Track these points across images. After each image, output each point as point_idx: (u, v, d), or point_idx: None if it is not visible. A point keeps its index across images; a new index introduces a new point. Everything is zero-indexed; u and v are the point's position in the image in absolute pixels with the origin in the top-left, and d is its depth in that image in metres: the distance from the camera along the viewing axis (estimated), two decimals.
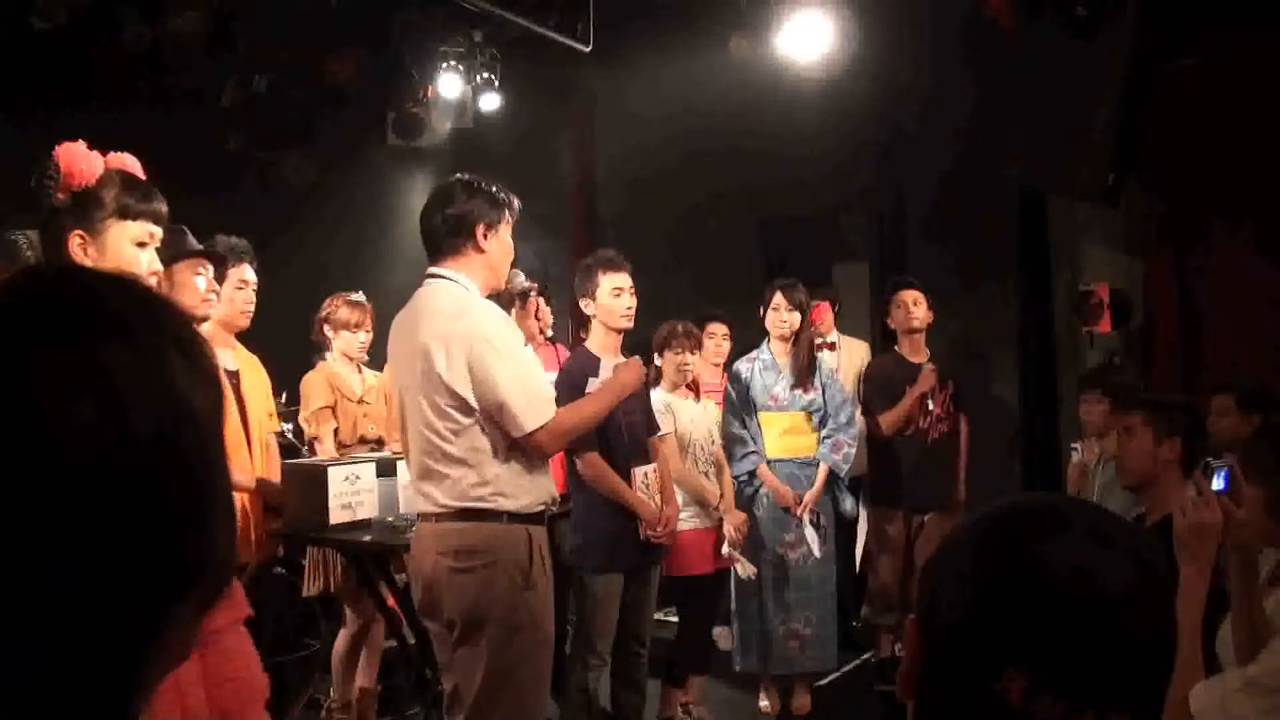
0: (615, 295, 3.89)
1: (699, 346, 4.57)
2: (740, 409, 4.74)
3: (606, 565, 3.92)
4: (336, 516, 3.71)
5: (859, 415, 5.06)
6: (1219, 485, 2.25)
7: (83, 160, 2.16)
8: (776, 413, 4.76)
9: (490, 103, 7.30)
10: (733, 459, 4.66)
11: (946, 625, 1.04)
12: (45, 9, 5.35)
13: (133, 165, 2.29)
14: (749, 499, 4.69)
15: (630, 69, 6.86)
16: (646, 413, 4.09)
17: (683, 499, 4.29)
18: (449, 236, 2.99)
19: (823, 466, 4.73)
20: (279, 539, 3.95)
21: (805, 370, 4.77)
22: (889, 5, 6.02)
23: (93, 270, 0.96)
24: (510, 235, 3.09)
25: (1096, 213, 6.17)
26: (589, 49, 6.16)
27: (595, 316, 3.94)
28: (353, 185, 7.81)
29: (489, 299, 3.04)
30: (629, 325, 3.95)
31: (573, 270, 4.31)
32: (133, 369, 0.63)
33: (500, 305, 3.15)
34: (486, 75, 7.11)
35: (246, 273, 3.76)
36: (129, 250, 2.19)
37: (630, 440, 3.92)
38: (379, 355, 3.74)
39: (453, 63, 7.04)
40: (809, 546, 4.68)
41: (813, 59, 5.82)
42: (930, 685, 1.06)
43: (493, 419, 2.89)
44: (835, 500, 4.84)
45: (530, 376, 2.98)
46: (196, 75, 6.43)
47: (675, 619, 4.60)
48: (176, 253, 3.14)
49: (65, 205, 2.16)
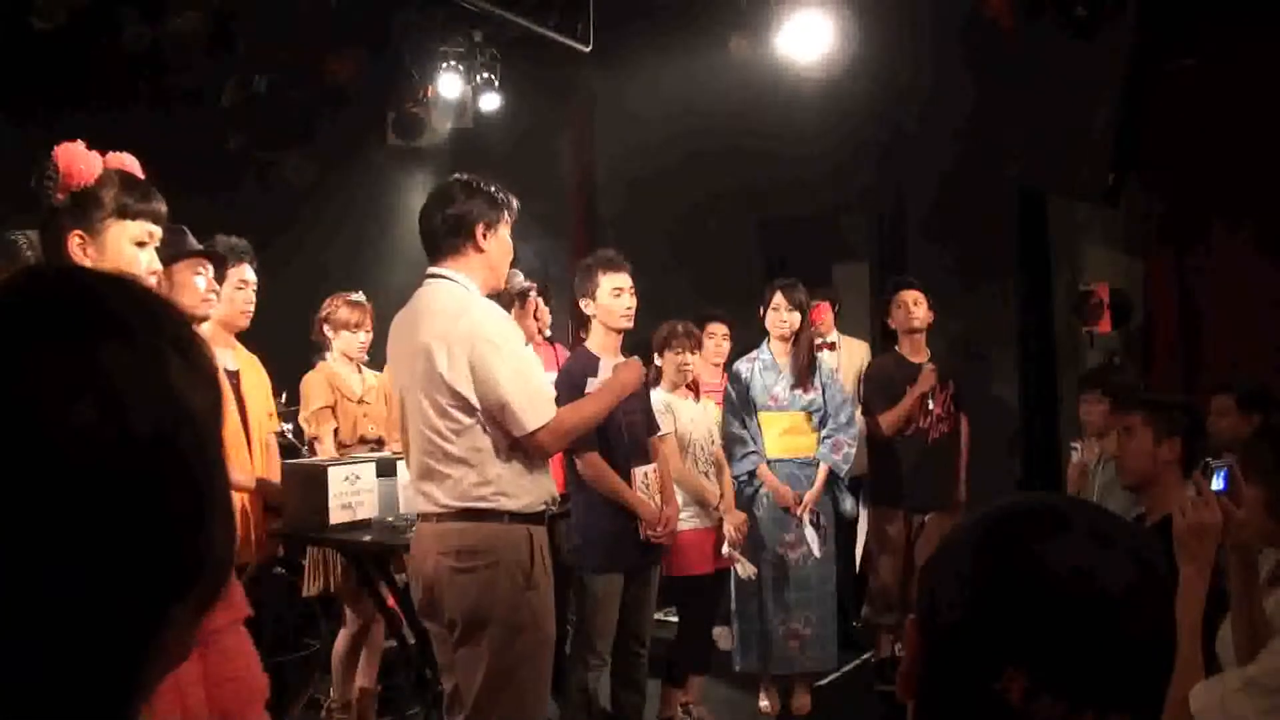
0: (615, 295, 3.89)
1: (699, 346, 4.57)
2: (740, 409, 4.74)
3: (606, 565, 3.92)
4: (336, 516, 3.71)
5: (859, 415, 5.07)
6: (1219, 485, 2.25)
7: (82, 160, 2.16)
8: (776, 413, 4.76)
9: (490, 103, 7.30)
10: (733, 459, 4.66)
11: (946, 625, 1.04)
12: (45, 9, 5.34)
13: (132, 165, 2.29)
14: (749, 499, 4.69)
15: (630, 69, 6.86)
16: (646, 413, 4.09)
17: (683, 499, 4.29)
18: (448, 236, 3.00)
19: (823, 466, 4.73)
20: (279, 539, 3.95)
21: (805, 370, 4.77)
22: (889, 5, 6.02)
23: (92, 270, 0.96)
24: (509, 235, 3.09)
25: (1096, 213, 6.17)
26: (589, 49, 6.16)
27: (595, 316, 3.93)
28: (353, 185, 7.81)
29: (489, 299, 3.04)
30: (629, 325, 3.95)
31: (573, 270, 4.31)
32: (132, 369, 0.63)
33: (499, 305, 3.15)
34: (486, 75, 7.11)
35: (246, 273, 3.77)
36: (128, 250, 2.19)
37: (630, 440, 3.92)
38: (379, 355, 3.74)
39: (453, 63, 7.04)
40: (809, 546, 4.68)
41: (813, 59, 5.82)
42: (930, 685, 1.06)
43: (494, 418, 2.89)
44: (835, 500, 4.84)
45: (531, 376, 2.98)
46: (196, 75, 6.43)
47: (675, 619, 4.60)
48: (176, 252, 3.14)
49: (64, 205, 2.16)
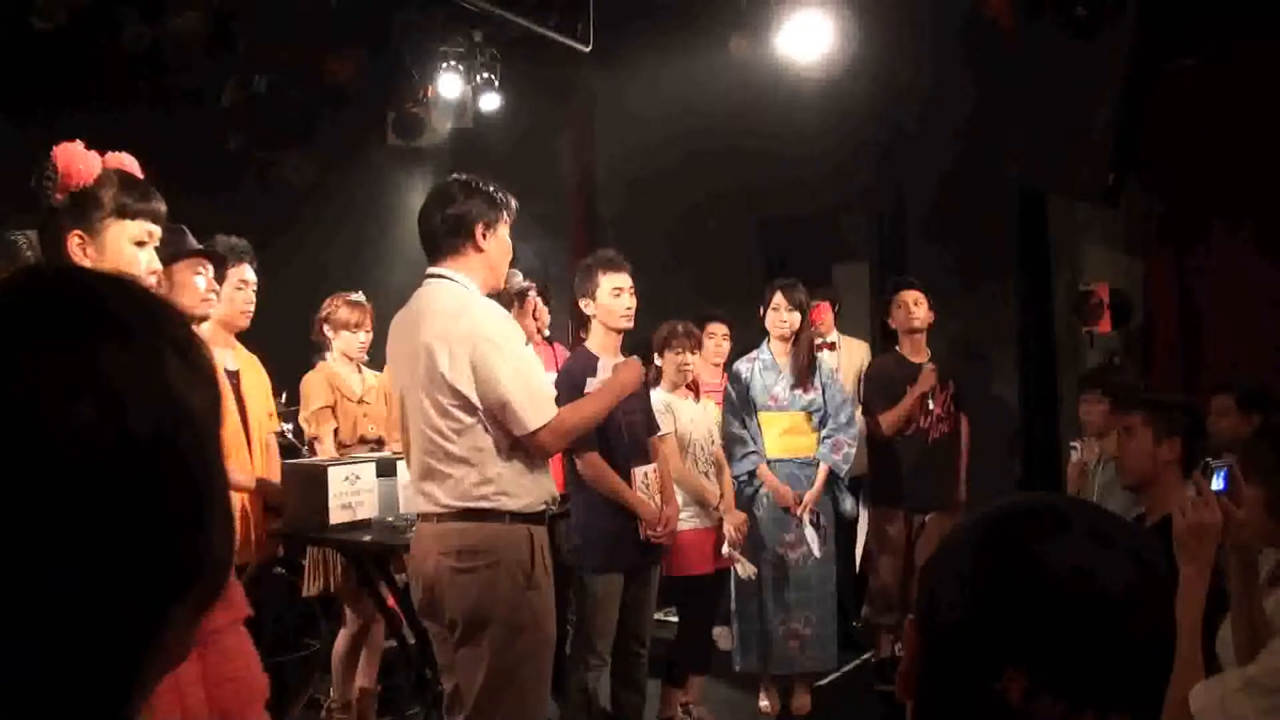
0: (615, 295, 3.89)
1: (699, 346, 4.57)
2: (740, 409, 4.74)
3: (606, 565, 3.92)
4: (336, 516, 3.71)
5: (859, 415, 5.07)
6: (1219, 485, 2.25)
7: (80, 160, 2.16)
8: (776, 413, 4.76)
9: (490, 103, 7.29)
10: (733, 459, 4.66)
11: (946, 625, 1.04)
12: (45, 9, 5.34)
13: (131, 165, 2.29)
14: (749, 499, 4.69)
15: (630, 69, 6.86)
16: (646, 413, 4.09)
17: (683, 499, 4.29)
18: (448, 236, 3.00)
19: (823, 466, 4.73)
20: (279, 539, 3.95)
21: (805, 370, 4.77)
22: (889, 5, 6.02)
23: (90, 270, 0.96)
24: (508, 235, 3.09)
25: (1096, 213, 6.17)
26: (589, 49, 6.16)
27: (595, 316, 3.93)
28: (353, 185, 7.81)
29: (489, 298, 3.04)
30: (629, 325, 3.94)
31: (573, 270, 4.31)
32: (130, 369, 0.63)
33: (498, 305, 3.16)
34: (486, 75, 7.11)
35: (246, 273, 3.77)
36: (128, 249, 2.19)
37: (630, 440, 3.92)
38: (379, 355, 3.74)
39: (453, 63, 7.04)
40: (809, 546, 4.68)
41: (813, 59, 5.82)
42: (929, 685, 1.06)
43: (495, 418, 2.89)
44: (835, 500, 4.84)
45: (532, 375, 2.98)
46: (196, 75, 6.43)
47: (675, 619, 4.60)
48: (176, 252, 3.14)
49: (64, 205, 2.16)
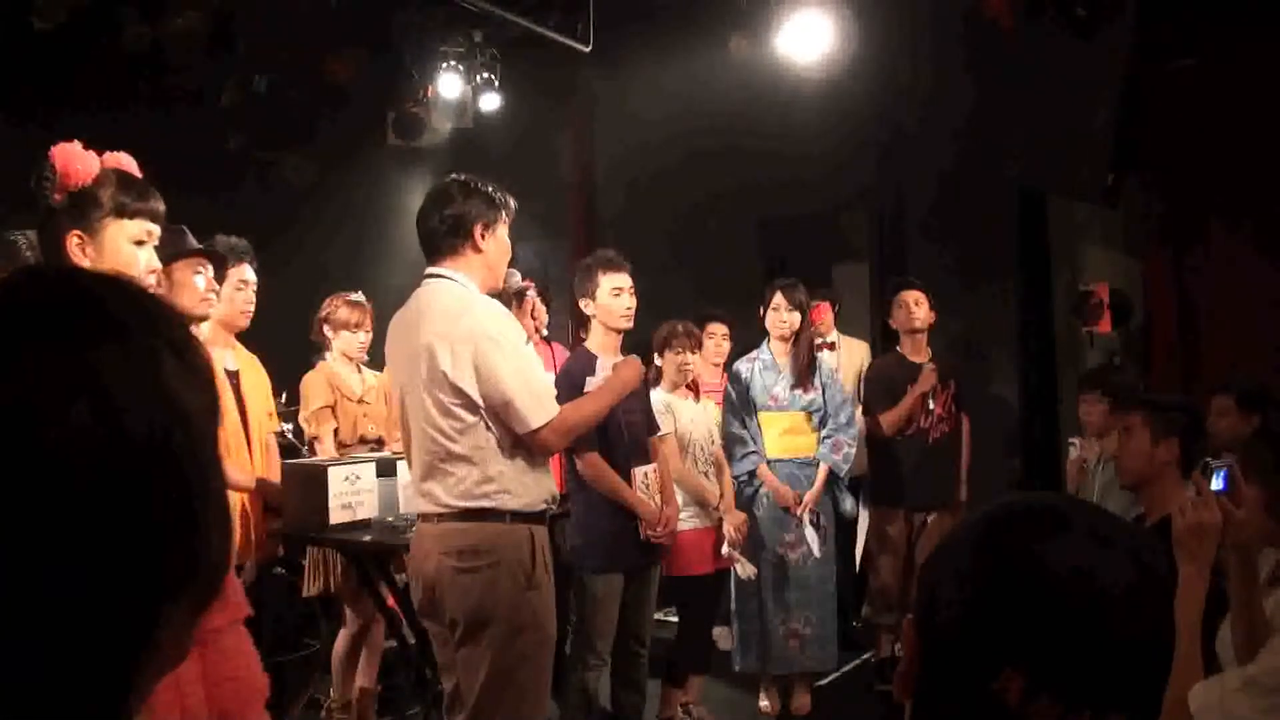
0: (615, 295, 3.89)
1: (699, 346, 4.57)
2: (740, 409, 4.74)
3: (606, 565, 3.91)
4: (336, 516, 3.71)
5: (859, 415, 5.07)
6: (1218, 485, 2.25)
7: (79, 160, 2.16)
8: (776, 413, 4.76)
9: (490, 103, 7.29)
10: (733, 459, 4.66)
11: (945, 625, 1.04)
12: (45, 9, 5.35)
13: (129, 164, 2.28)
14: (749, 499, 4.69)
15: (630, 69, 6.86)
16: (646, 413, 4.09)
17: (683, 499, 4.29)
18: (447, 237, 2.99)
19: (823, 466, 4.73)
20: (279, 539, 3.95)
21: (805, 370, 4.77)
22: (889, 5, 6.02)
23: (87, 271, 0.96)
24: (507, 235, 3.09)
25: (1096, 213, 6.17)
26: (589, 49, 6.15)
27: (595, 316, 3.93)
28: (353, 185, 7.81)
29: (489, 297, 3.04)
30: (629, 325, 3.94)
31: (573, 270, 4.30)
32: (127, 370, 0.63)
33: None
34: (486, 75, 7.11)
35: (246, 273, 3.77)
36: (127, 249, 2.19)
37: (630, 440, 3.92)
38: (379, 355, 3.74)
39: (453, 63, 7.04)
40: (809, 546, 4.67)
41: (813, 59, 5.81)
42: (928, 685, 1.06)
43: (497, 416, 2.89)
44: (835, 500, 4.84)
45: (534, 374, 2.99)
46: (196, 75, 6.44)
47: (675, 619, 4.60)
48: (176, 252, 3.14)
49: (62, 205, 2.16)
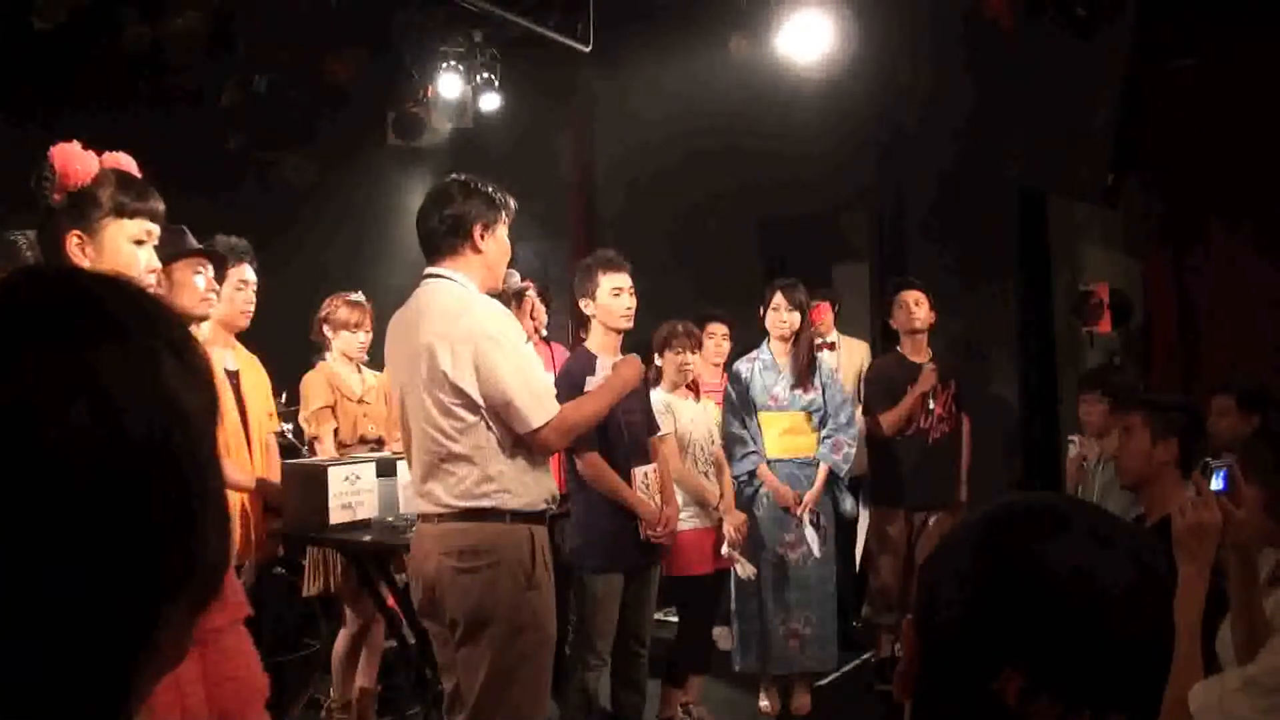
0: (615, 295, 3.89)
1: (699, 346, 4.57)
2: (740, 409, 4.74)
3: (606, 565, 3.91)
4: (336, 516, 3.71)
5: (859, 415, 5.07)
6: (1218, 485, 2.25)
7: (78, 160, 2.16)
8: (776, 413, 4.76)
9: (490, 103, 7.29)
10: (733, 459, 4.66)
11: (944, 625, 1.04)
12: (45, 9, 5.35)
13: (128, 164, 2.28)
14: (749, 499, 4.69)
15: (630, 69, 6.85)
16: (646, 413, 4.09)
17: (683, 499, 4.29)
18: (446, 237, 2.99)
19: (823, 466, 4.73)
20: (279, 539, 3.95)
21: (805, 370, 4.77)
22: (889, 5, 6.02)
23: (86, 271, 0.96)
24: (507, 235, 3.09)
25: (1096, 213, 6.17)
26: (589, 49, 6.15)
27: (595, 316, 3.93)
28: (353, 185, 7.81)
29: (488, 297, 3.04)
30: (629, 325, 3.94)
31: (573, 270, 4.30)
32: (125, 371, 0.63)
33: None
34: (486, 75, 7.11)
35: (246, 273, 3.77)
36: (126, 248, 2.19)
37: (630, 440, 3.92)
38: (379, 355, 3.74)
39: (453, 63, 7.04)
40: (809, 546, 4.67)
41: (813, 59, 5.81)
42: (927, 685, 1.06)
43: (498, 416, 2.89)
44: (835, 500, 4.84)
45: (534, 373, 2.99)
46: (196, 75, 6.44)
47: (675, 619, 4.60)
48: (176, 252, 3.14)
49: (62, 205, 2.16)
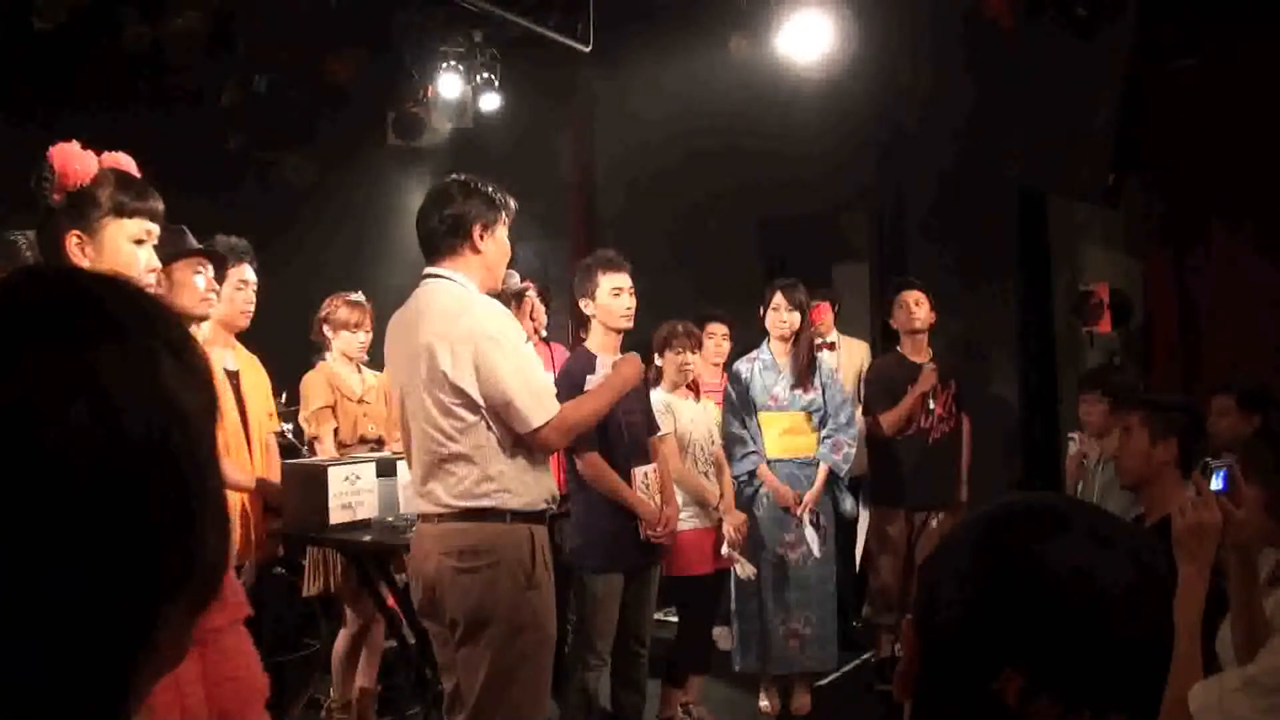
0: (615, 295, 3.89)
1: (699, 346, 4.57)
2: (740, 409, 4.74)
3: (606, 565, 3.91)
4: (336, 516, 3.71)
5: (859, 415, 5.07)
6: (1218, 485, 2.25)
7: (77, 160, 2.16)
8: (776, 413, 4.76)
9: (490, 103, 7.29)
10: (733, 459, 4.66)
11: (944, 625, 1.03)
12: (45, 9, 5.35)
13: (128, 164, 2.28)
14: (749, 499, 4.69)
15: (630, 69, 6.85)
16: (646, 413, 4.09)
17: (683, 499, 4.29)
18: (446, 237, 2.99)
19: (822, 466, 4.73)
20: (279, 539, 3.95)
21: (805, 370, 4.77)
22: (889, 5, 6.02)
23: (85, 271, 0.95)
24: (507, 236, 3.09)
25: (1096, 213, 6.17)
26: (589, 49, 6.15)
27: (595, 316, 3.93)
28: (353, 185, 7.81)
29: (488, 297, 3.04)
30: (629, 325, 3.94)
31: (573, 270, 4.30)
32: (124, 371, 0.62)
33: None
34: (486, 75, 7.11)
35: (246, 273, 3.77)
36: (126, 248, 2.19)
37: (630, 440, 3.92)
38: (379, 355, 3.74)
39: (453, 63, 7.04)
40: (809, 546, 4.67)
41: (813, 59, 5.81)
42: (927, 685, 1.06)
43: (498, 415, 2.89)
44: (835, 500, 4.84)
45: (534, 373, 2.98)
46: (196, 75, 6.44)
47: (675, 619, 4.60)
48: (176, 252, 3.14)
49: (61, 205, 2.16)
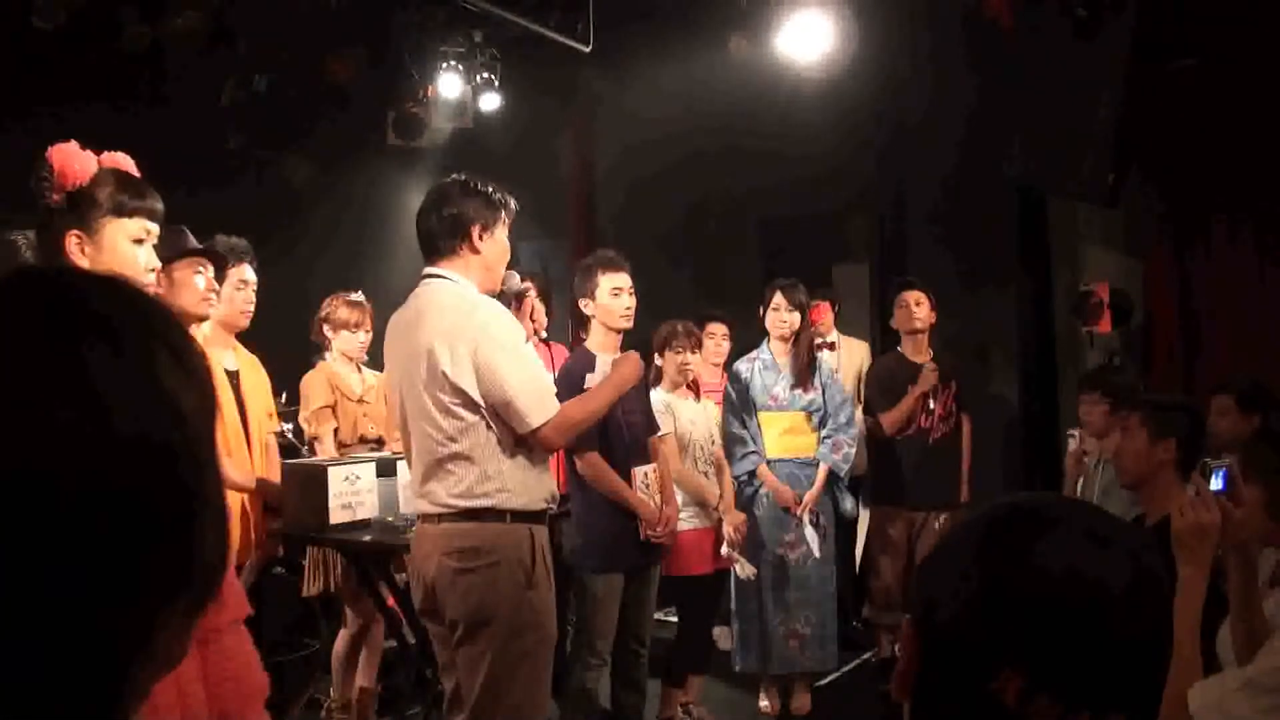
0: (615, 295, 3.89)
1: (699, 346, 4.57)
2: (740, 409, 4.74)
3: (606, 565, 3.92)
4: (336, 516, 3.71)
5: (859, 415, 5.07)
6: (1217, 485, 2.25)
7: (76, 160, 2.16)
8: (776, 413, 4.76)
9: (490, 103, 7.28)
10: (733, 459, 4.66)
11: (944, 625, 1.04)
12: (45, 9, 5.34)
13: (127, 164, 2.28)
14: (749, 499, 4.69)
15: (630, 69, 6.85)
16: (646, 413, 4.09)
17: (683, 499, 4.29)
18: (445, 237, 2.99)
19: (822, 466, 4.73)
20: (279, 539, 3.95)
21: (805, 370, 4.77)
22: (889, 5, 6.01)
23: (82, 271, 0.96)
24: (506, 236, 3.09)
25: (1096, 213, 6.17)
26: (589, 49, 6.15)
27: (595, 316, 3.93)
28: (352, 185, 7.81)
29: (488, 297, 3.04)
30: (628, 325, 3.94)
31: (573, 270, 4.31)
32: (121, 372, 0.62)
33: None
34: (486, 75, 7.10)
35: (246, 273, 3.76)
36: (126, 248, 2.19)
37: (630, 440, 3.92)
38: (379, 355, 3.74)
39: (453, 63, 7.03)
40: (809, 546, 4.67)
41: (813, 59, 5.81)
42: (926, 685, 1.06)
43: (498, 415, 2.89)
44: (835, 500, 4.84)
45: (534, 372, 2.98)
46: (196, 75, 6.43)
47: (675, 619, 4.60)
48: (176, 252, 3.14)
49: (61, 205, 2.16)
